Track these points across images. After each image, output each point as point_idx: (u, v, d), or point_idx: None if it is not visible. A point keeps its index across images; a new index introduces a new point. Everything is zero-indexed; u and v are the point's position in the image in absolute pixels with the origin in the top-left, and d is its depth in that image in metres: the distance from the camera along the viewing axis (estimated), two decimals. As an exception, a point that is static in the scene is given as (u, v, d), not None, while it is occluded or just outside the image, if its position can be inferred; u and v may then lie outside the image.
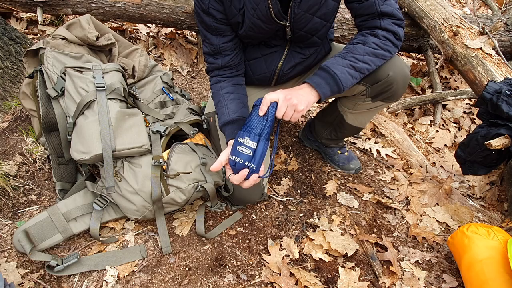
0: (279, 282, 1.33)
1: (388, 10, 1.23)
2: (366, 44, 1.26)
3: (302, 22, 1.25)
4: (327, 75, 1.21)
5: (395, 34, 1.26)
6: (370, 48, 1.25)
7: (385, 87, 1.37)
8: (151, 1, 2.26)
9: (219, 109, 1.37)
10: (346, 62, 1.23)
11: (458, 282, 1.42)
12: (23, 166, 1.58)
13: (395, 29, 1.25)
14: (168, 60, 2.46)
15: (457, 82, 2.79)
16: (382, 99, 1.43)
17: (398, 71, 1.35)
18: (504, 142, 1.38)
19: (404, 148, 2.07)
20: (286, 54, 1.40)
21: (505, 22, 2.42)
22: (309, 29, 1.28)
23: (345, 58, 1.24)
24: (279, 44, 1.38)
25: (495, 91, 1.45)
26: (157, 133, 1.39)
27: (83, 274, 1.30)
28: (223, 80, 1.40)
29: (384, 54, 1.27)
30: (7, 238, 1.37)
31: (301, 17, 1.23)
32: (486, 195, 1.89)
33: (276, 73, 1.45)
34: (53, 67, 1.42)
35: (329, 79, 1.21)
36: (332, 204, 1.68)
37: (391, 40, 1.27)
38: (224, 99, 1.37)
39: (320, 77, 1.22)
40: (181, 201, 1.37)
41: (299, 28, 1.28)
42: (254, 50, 1.41)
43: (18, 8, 2.27)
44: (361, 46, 1.26)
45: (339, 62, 1.23)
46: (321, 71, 1.23)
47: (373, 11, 1.23)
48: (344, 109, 1.58)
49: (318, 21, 1.26)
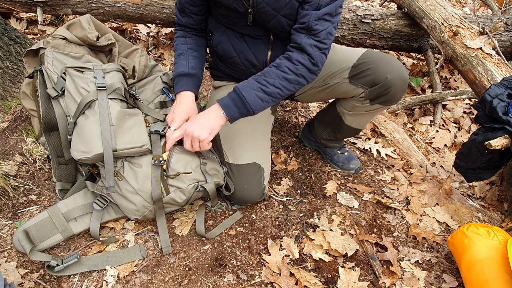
0: (279, 282, 1.33)
1: (318, 28, 1.20)
2: (279, 68, 1.25)
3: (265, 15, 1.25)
4: (237, 97, 1.24)
5: (311, 58, 1.23)
6: (282, 72, 1.24)
7: (383, 90, 1.37)
8: (151, 1, 2.26)
9: (179, 60, 1.43)
10: (257, 85, 1.24)
11: (458, 282, 1.42)
12: (23, 166, 1.58)
13: (313, 52, 1.22)
14: (168, 60, 2.46)
15: (457, 82, 2.79)
16: (381, 102, 1.43)
17: (396, 74, 1.34)
18: (504, 142, 1.38)
19: (404, 148, 2.07)
20: (272, 44, 1.40)
21: (505, 22, 2.42)
22: (274, 25, 1.28)
23: (256, 81, 1.25)
24: (262, 35, 1.38)
25: (496, 94, 1.45)
26: (156, 133, 1.39)
27: (83, 274, 1.30)
28: (189, 36, 1.47)
29: (297, 80, 1.25)
30: (7, 238, 1.37)
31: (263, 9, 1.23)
32: (486, 195, 1.89)
33: (267, 64, 1.44)
34: (53, 67, 1.42)
35: (238, 101, 1.23)
36: (332, 204, 1.68)
37: (305, 65, 1.24)
38: (187, 53, 1.44)
39: (230, 98, 1.25)
40: (181, 201, 1.37)
41: (264, 21, 1.27)
42: (242, 44, 1.41)
43: (18, 8, 2.27)
44: (273, 70, 1.25)
45: (250, 85, 1.25)
46: (233, 92, 1.25)
47: (306, 21, 1.21)
48: (343, 111, 1.58)
49: (283, 20, 1.26)
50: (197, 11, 1.41)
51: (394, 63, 1.35)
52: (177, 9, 1.45)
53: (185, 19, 1.44)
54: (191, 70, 1.39)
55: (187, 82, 1.39)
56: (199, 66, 1.44)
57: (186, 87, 1.38)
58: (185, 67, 1.40)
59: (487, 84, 1.70)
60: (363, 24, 2.40)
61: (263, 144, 1.57)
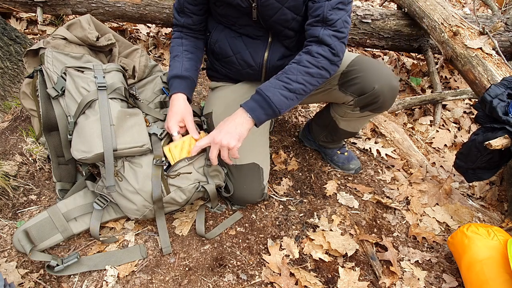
0: (279, 282, 1.33)
1: (332, 18, 1.19)
2: (300, 63, 1.21)
3: (269, 8, 1.23)
4: (261, 98, 1.20)
5: (331, 49, 1.20)
6: (303, 67, 1.20)
7: (372, 99, 1.36)
8: (151, 1, 2.26)
9: (174, 62, 1.42)
10: (280, 84, 1.20)
11: (458, 282, 1.42)
12: (23, 166, 1.58)
13: (332, 42, 1.20)
14: (168, 60, 2.46)
15: (457, 82, 2.79)
16: (371, 110, 1.42)
17: (384, 84, 1.32)
18: (504, 142, 1.38)
19: (404, 148, 2.07)
20: (270, 45, 1.38)
21: (505, 22, 2.42)
22: (278, 19, 1.26)
23: (278, 80, 1.21)
24: (261, 35, 1.37)
25: (496, 94, 1.45)
26: (153, 135, 1.39)
27: (83, 274, 1.30)
28: (185, 38, 1.46)
29: (320, 73, 1.22)
30: (7, 238, 1.37)
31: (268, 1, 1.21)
32: (486, 195, 1.89)
33: (263, 65, 1.43)
34: (54, 67, 1.42)
35: (263, 103, 1.19)
36: (332, 204, 1.68)
37: (326, 57, 1.21)
38: (182, 55, 1.43)
39: (254, 101, 1.21)
40: (181, 201, 1.37)
41: (268, 15, 1.25)
42: (239, 44, 1.41)
43: (18, 8, 2.27)
44: (294, 66, 1.22)
45: (273, 84, 1.21)
46: (256, 94, 1.22)
47: (320, 13, 1.19)
48: (336, 116, 1.59)
49: (288, 13, 1.24)
50: (196, 11, 1.40)
51: (382, 71, 1.33)
52: (175, 10, 1.44)
53: (183, 19, 1.42)
54: (184, 72, 1.38)
55: (179, 84, 1.37)
56: (193, 68, 1.43)
57: (179, 89, 1.37)
58: (179, 69, 1.39)
59: (487, 84, 1.70)
60: (363, 24, 2.40)
61: (262, 144, 1.57)
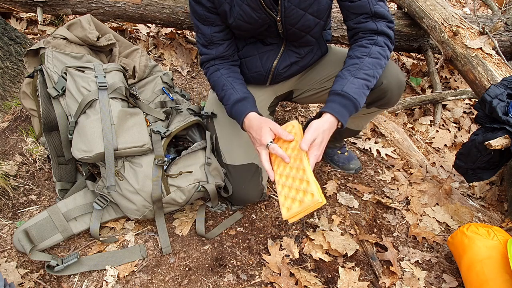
0: (279, 282, 1.33)
1: (381, 11, 1.20)
2: (371, 55, 1.21)
3: (293, 17, 1.22)
4: (348, 102, 1.16)
5: (390, 38, 1.23)
6: (375, 59, 1.20)
7: (379, 94, 1.36)
8: (151, 1, 2.26)
9: (226, 91, 1.33)
10: (361, 83, 1.17)
11: (458, 282, 1.42)
12: (23, 166, 1.58)
13: (389, 32, 1.23)
14: (168, 60, 2.46)
15: (457, 82, 2.79)
16: (377, 105, 1.42)
17: (392, 79, 1.32)
18: (504, 142, 1.38)
19: (404, 148, 2.07)
20: (282, 53, 1.38)
21: (505, 22, 2.42)
22: (301, 26, 1.25)
23: (357, 77, 1.18)
24: (274, 43, 1.36)
25: (496, 94, 1.45)
26: (157, 133, 1.39)
27: (83, 274, 1.30)
28: (222, 68, 1.38)
29: (385, 63, 1.24)
30: (7, 238, 1.37)
31: (292, 11, 1.20)
32: (486, 195, 1.89)
33: (271, 71, 1.43)
34: (54, 66, 1.42)
35: (350, 106, 1.16)
36: (332, 204, 1.68)
37: (389, 46, 1.24)
38: (229, 82, 1.34)
39: (340, 105, 1.16)
40: (181, 201, 1.37)
41: (291, 24, 1.25)
42: (251, 48, 1.40)
43: (18, 8, 2.27)
44: (367, 60, 1.20)
45: (354, 83, 1.17)
46: (341, 97, 1.16)
47: (366, 10, 1.20)
48: None
49: (311, 18, 1.24)
50: (225, 35, 1.34)
51: (390, 66, 1.33)
52: (202, 46, 1.36)
53: (214, 50, 1.35)
54: (242, 94, 1.31)
55: (244, 106, 1.28)
56: (246, 89, 1.36)
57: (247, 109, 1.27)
58: (235, 95, 1.31)
59: (487, 84, 1.70)
60: (363, 24, 2.39)
61: None
